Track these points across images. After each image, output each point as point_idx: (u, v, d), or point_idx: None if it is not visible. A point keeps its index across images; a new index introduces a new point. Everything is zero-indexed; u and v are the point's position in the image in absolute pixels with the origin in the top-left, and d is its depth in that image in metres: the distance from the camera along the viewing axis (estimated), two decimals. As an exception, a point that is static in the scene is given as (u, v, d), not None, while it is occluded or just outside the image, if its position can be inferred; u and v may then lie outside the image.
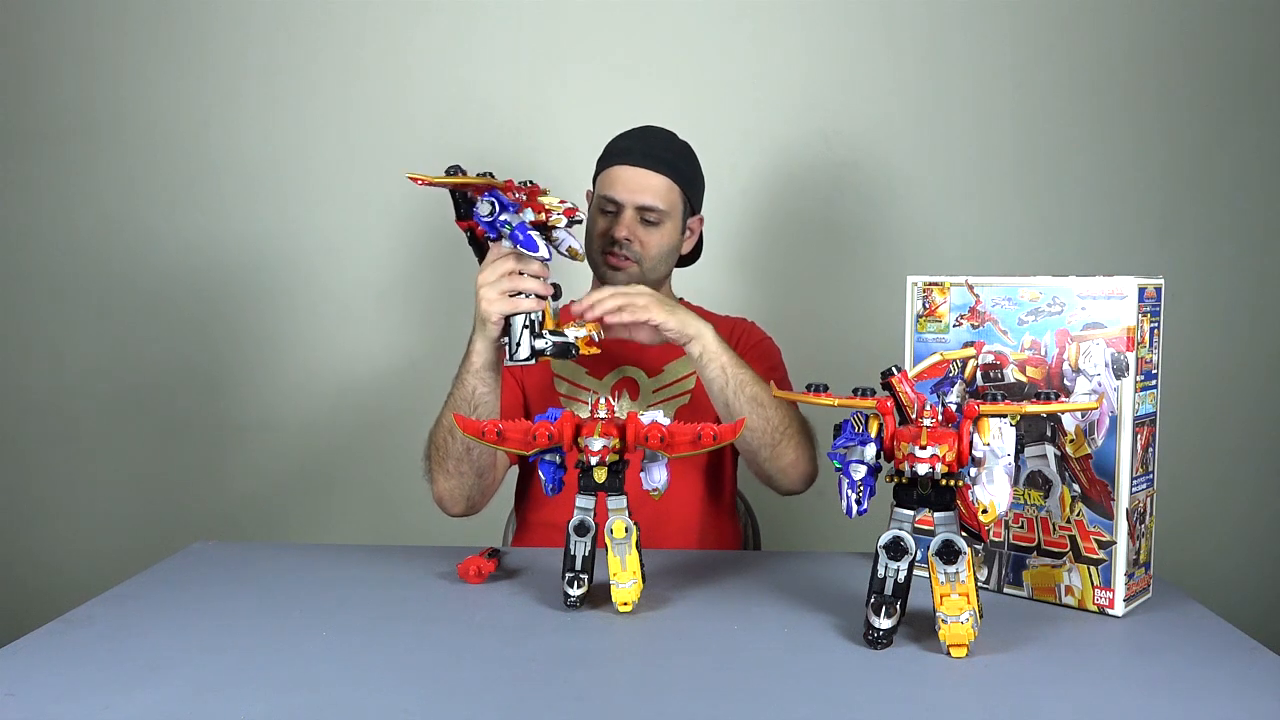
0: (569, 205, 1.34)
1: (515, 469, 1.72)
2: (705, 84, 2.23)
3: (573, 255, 1.38)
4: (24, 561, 2.34)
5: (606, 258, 1.65)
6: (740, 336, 1.72)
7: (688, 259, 1.79)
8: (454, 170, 1.29)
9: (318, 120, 2.26)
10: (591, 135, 1.74)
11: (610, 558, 1.19)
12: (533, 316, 1.35)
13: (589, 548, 1.20)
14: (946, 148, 2.23)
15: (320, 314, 2.29)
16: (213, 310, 2.30)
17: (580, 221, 1.42)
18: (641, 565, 1.20)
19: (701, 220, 1.76)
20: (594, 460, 1.16)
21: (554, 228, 1.34)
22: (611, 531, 1.18)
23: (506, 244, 1.32)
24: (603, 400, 1.20)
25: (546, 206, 1.32)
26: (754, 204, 2.24)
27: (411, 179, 1.26)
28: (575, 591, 1.19)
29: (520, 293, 1.34)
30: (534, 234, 1.30)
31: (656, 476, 1.19)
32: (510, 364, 1.37)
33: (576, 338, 1.36)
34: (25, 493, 2.34)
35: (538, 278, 1.35)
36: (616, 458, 1.17)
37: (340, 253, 2.28)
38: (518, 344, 1.35)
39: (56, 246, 2.30)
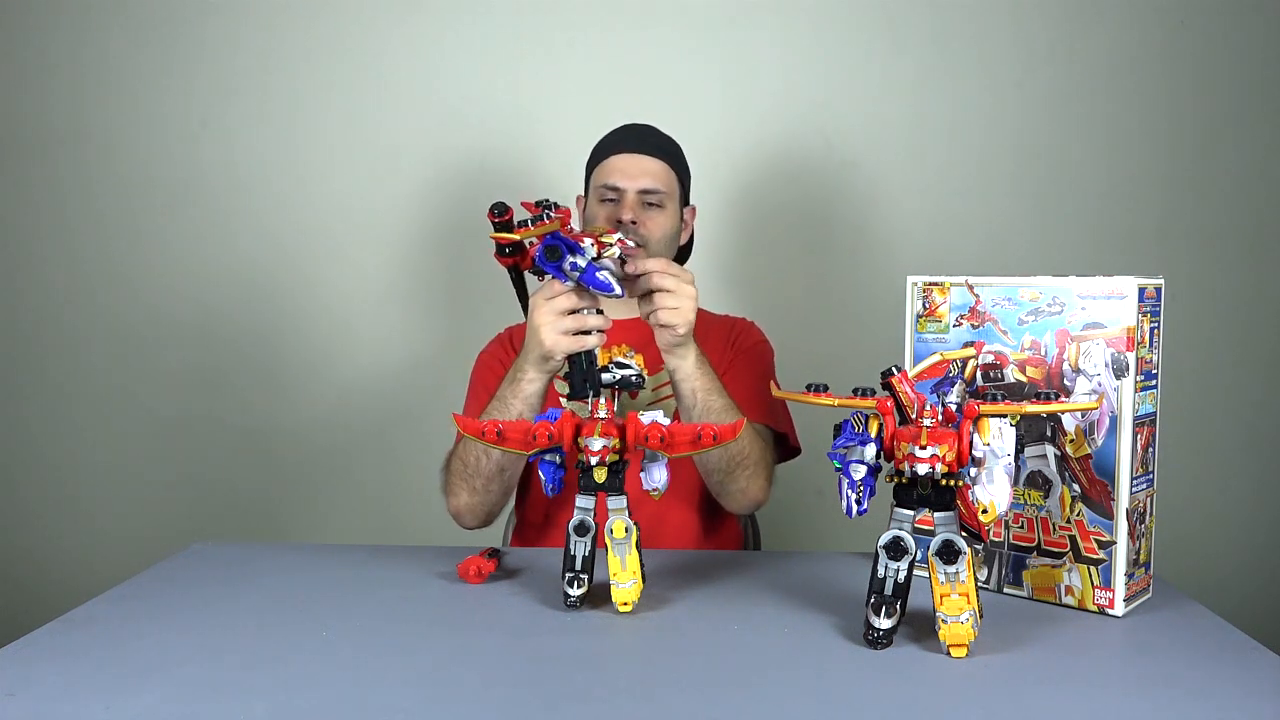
0: (619, 237, 1.33)
1: None
2: (705, 84, 2.23)
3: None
4: (24, 561, 2.34)
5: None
6: (738, 337, 1.72)
7: (682, 252, 1.78)
8: (502, 209, 1.27)
9: (316, 121, 2.26)
10: (586, 136, 1.74)
11: (610, 558, 1.19)
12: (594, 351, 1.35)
13: (589, 548, 1.20)
14: (947, 148, 2.23)
15: (319, 314, 2.29)
16: (212, 310, 2.29)
17: (640, 246, 1.43)
18: (641, 565, 1.20)
19: (694, 211, 1.76)
20: (594, 460, 1.16)
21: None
22: (611, 531, 1.18)
23: (570, 281, 1.32)
24: (602, 400, 1.20)
25: (604, 242, 1.31)
26: (754, 203, 2.24)
27: (494, 238, 1.28)
28: (575, 591, 1.19)
29: (584, 330, 1.34)
30: (603, 274, 1.29)
31: (656, 476, 1.19)
32: (575, 399, 1.34)
33: (640, 367, 1.32)
34: (25, 493, 2.34)
35: (600, 312, 1.35)
36: (616, 458, 1.17)
37: (340, 253, 2.28)
38: (584, 380, 1.33)
39: (54, 248, 2.30)
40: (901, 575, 1.07)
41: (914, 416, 1.07)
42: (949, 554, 1.05)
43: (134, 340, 2.31)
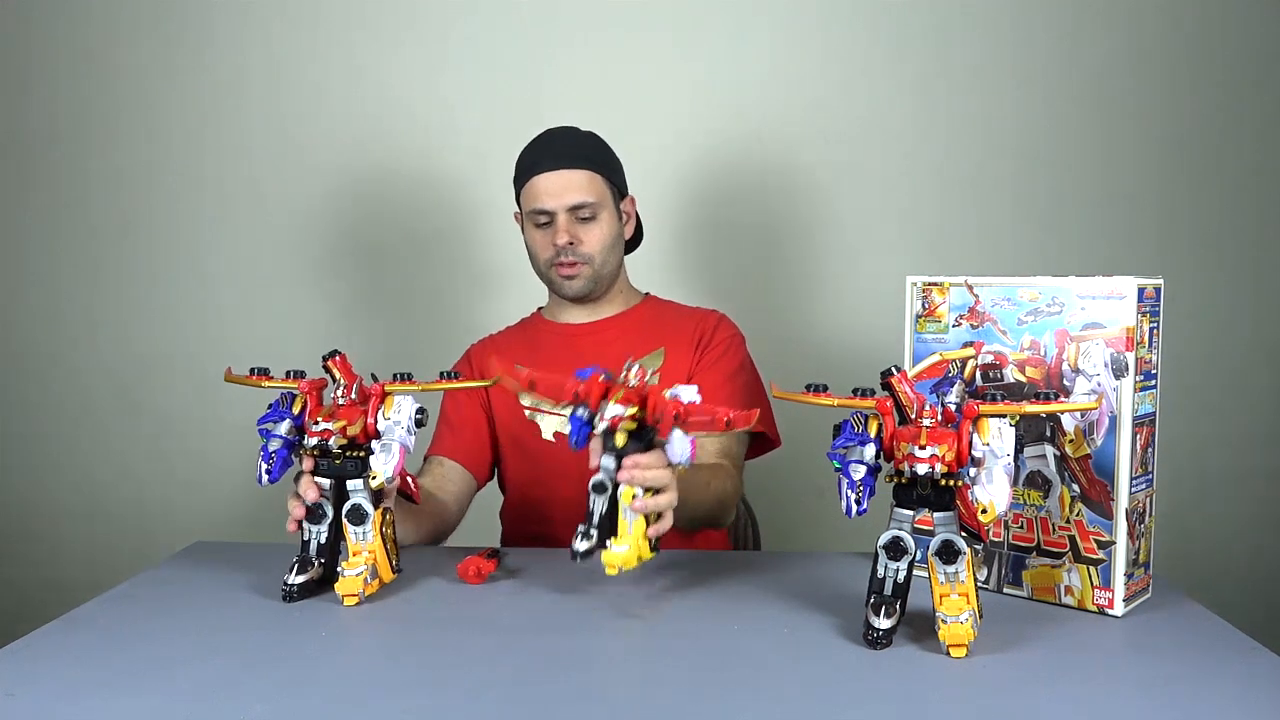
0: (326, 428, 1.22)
1: (489, 488, 1.72)
2: (702, 84, 2.23)
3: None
4: (24, 561, 2.34)
5: (556, 269, 1.63)
6: (704, 337, 1.67)
7: (631, 243, 1.76)
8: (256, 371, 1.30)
9: (314, 121, 2.27)
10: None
11: (620, 519, 1.19)
12: (316, 537, 1.26)
13: (605, 506, 1.19)
14: (947, 148, 2.23)
15: (318, 313, 2.29)
16: (211, 308, 2.30)
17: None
18: (654, 543, 1.20)
19: (633, 200, 1.72)
20: (602, 426, 1.16)
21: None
22: (620, 497, 1.18)
23: None
24: (636, 367, 1.20)
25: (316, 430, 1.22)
26: (753, 203, 2.24)
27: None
28: (580, 545, 1.18)
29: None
30: (263, 465, 1.24)
31: (678, 450, 1.16)
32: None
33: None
34: (25, 493, 2.34)
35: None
36: (634, 425, 1.17)
37: (339, 254, 2.28)
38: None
39: (54, 247, 2.31)
40: (901, 575, 1.07)
41: (914, 416, 1.08)
42: (949, 554, 1.05)
43: (133, 338, 2.31)
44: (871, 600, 1.08)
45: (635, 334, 1.68)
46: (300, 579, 1.22)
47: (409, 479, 1.28)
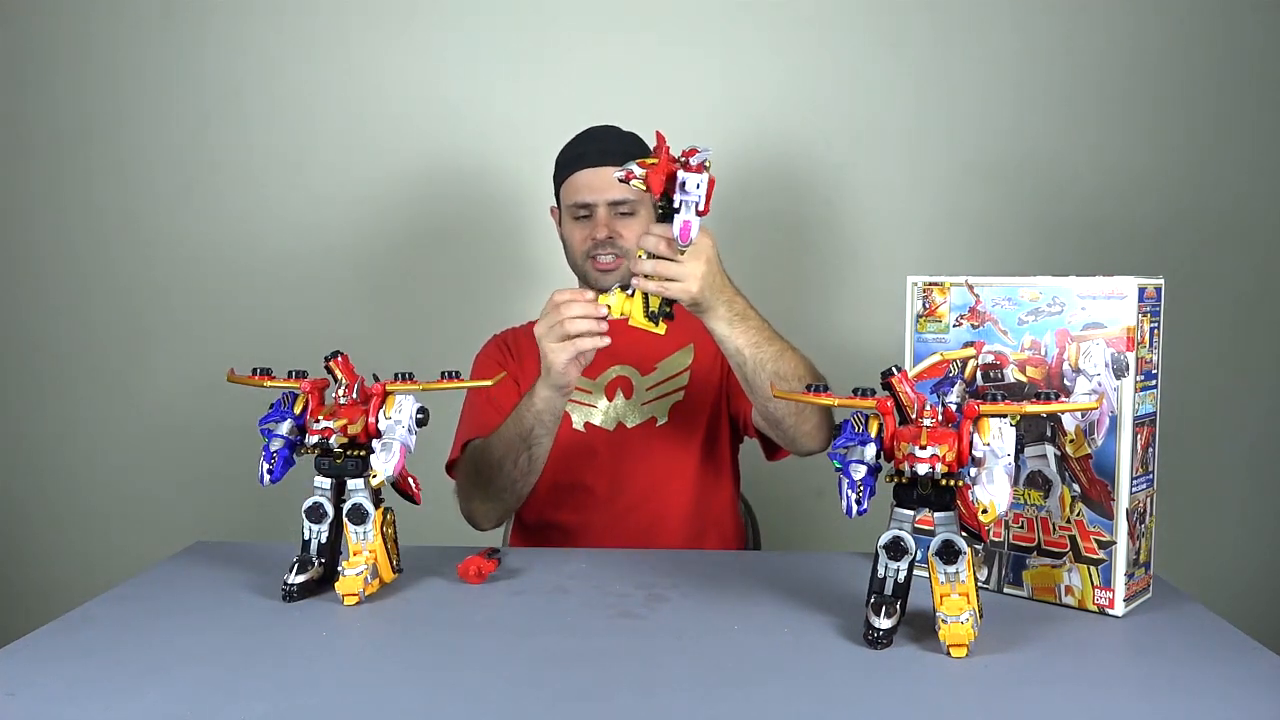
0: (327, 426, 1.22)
1: None
2: (703, 85, 2.23)
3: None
4: (24, 561, 2.34)
5: (592, 263, 1.66)
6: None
7: None
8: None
9: (317, 122, 2.26)
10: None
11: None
12: (316, 537, 1.25)
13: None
14: (947, 148, 2.23)
15: (318, 313, 2.29)
16: (212, 310, 2.30)
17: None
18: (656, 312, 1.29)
19: None
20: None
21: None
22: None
23: None
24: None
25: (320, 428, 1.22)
26: (753, 205, 2.24)
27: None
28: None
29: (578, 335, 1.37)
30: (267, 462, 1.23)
31: (674, 226, 1.24)
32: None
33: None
34: (25, 493, 2.34)
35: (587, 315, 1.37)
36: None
37: (339, 253, 2.28)
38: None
39: (55, 248, 2.31)
40: (901, 575, 1.07)
41: (914, 416, 1.07)
42: (949, 554, 1.05)
43: (134, 339, 2.31)
44: (872, 600, 1.08)
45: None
46: (300, 579, 1.22)
47: (410, 479, 1.29)
